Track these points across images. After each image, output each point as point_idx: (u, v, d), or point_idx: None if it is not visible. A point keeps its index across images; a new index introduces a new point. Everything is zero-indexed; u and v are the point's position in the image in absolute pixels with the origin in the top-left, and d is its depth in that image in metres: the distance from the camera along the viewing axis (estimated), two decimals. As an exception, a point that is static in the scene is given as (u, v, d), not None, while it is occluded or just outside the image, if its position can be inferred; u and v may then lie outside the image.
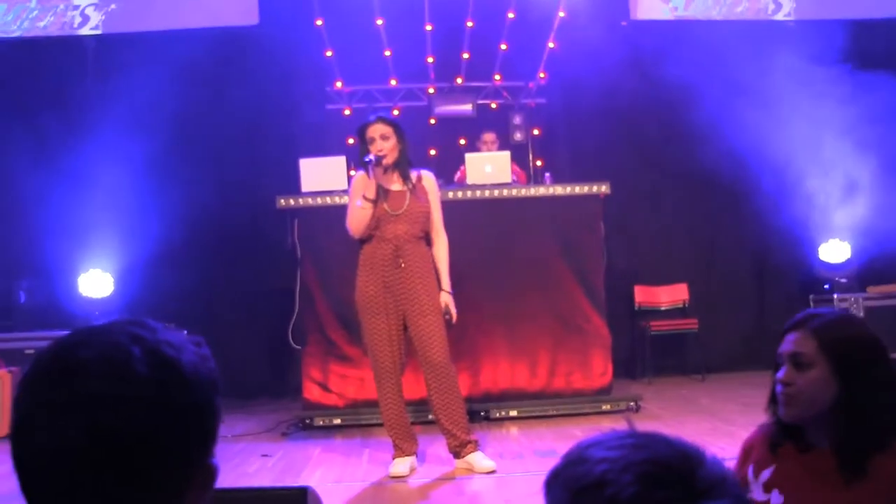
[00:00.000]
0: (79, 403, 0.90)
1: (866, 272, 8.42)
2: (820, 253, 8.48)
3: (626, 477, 0.82)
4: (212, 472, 0.99)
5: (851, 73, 8.14)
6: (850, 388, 1.84)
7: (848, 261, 8.42)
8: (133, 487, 0.90)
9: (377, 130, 4.77)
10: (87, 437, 0.89)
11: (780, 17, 8.95)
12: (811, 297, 8.58)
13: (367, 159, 4.69)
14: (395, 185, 4.82)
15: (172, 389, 0.94)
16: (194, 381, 0.97)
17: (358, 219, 4.73)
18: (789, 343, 1.92)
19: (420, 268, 4.77)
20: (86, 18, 8.23)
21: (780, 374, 1.92)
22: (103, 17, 8.25)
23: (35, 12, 8.19)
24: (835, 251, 8.43)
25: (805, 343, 1.89)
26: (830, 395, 1.86)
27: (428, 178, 4.94)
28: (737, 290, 8.92)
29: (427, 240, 4.89)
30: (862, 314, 7.98)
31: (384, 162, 4.73)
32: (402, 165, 4.82)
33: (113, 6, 8.26)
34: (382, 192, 4.76)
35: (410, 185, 4.82)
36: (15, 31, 8.16)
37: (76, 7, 8.23)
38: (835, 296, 8.19)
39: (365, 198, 4.70)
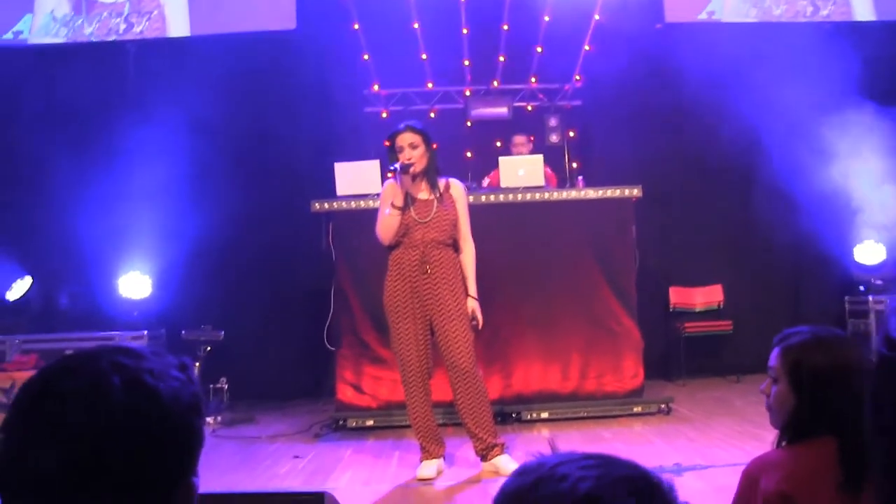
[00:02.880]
0: (54, 433, 0.97)
1: (900, 273, 8.35)
2: (855, 254, 8.41)
3: (620, 492, 0.86)
4: (192, 490, 1.06)
5: (885, 73, 8.13)
6: (801, 405, 2.00)
7: (883, 262, 8.34)
8: None
9: (406, 139, 4.86)
10: (58, 466, 0.96)
11: (818, 18, 8.88)
12: (846, 298, 8.53)
13: (393, 167, 4.78)
14: (423, 193, 4.90)
15: (150, 416, 1.01)
16: (173, 407, 1.03)
17: (387, 226, 4.83)
18: (770, 358, 2.10)
19: (447, 274, 4.85)
20: (130, 25, 8.42)
21: (762, 386, 2.13)
22: (147, 24, 8.44)
23: (81, 20, 8.40)
24: (870, 252, 8.35)
25: (776, 359, 2.06)
26: (789, 409, 2.03)
27: (456, 187, 5.01)
28: (772, 292, 8.87)
29: (454, 246, 4.96)
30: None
31: (412, 170, 4.81)
32: (431, 174, 4.90)
33: (155, 12, 8.45)
34: (410, 200, 4.85)
35: (438, 194, 4.89)
36: (62, 37, 8.38)
37: (119, 14, 8.42)
38: (870, 298, 8.14)
39: (393, 205, 4.80)
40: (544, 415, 6.39)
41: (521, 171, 6.77)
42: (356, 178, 6.60)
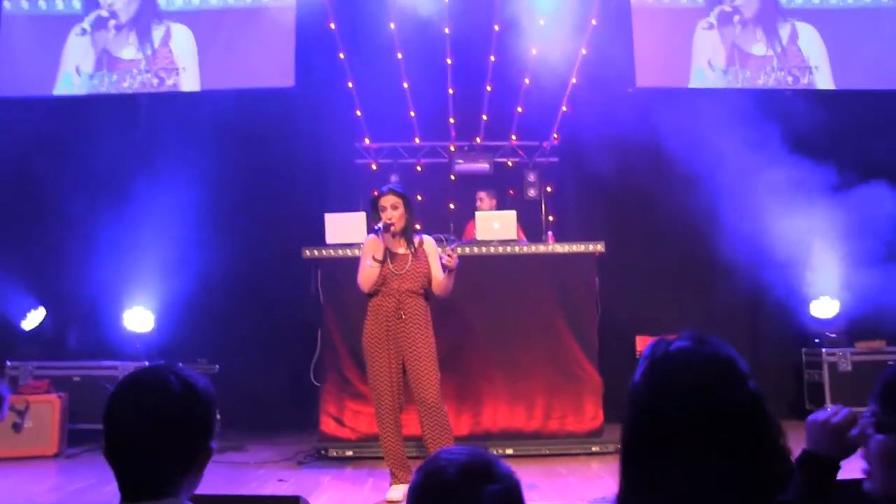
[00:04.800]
0: (141, 409, 1.76)
1: (855, 328, 8.92)
2: (811, 309, 9.01)
3: (452, 469, 1.56)
4: (209, 452, 1.84)
5: (845, 140, 8.81)
6: None
7: (837, 317, 8.94)
8: (167, 455, 1.77)
9: (388, 200, 5.54)
10: (147, 427, 1.74)
11: (799, 86, 9.58)
12: (803, 350, 9.13)
13: (377, 227, 5.45)
14: (401, 248, 5.57)
15: (192, 400, 1.80)
16: (204, 397, 1.83)
17: (367, 276, 5.49)
18: None
19: (419, 320, 5.50)
20: (146, 80, 9.20)
21: None
22: (162, 79, 9.20)
23: (102, 75, 9.20)
24: (825, 307, 8.95)
25: None
26: None
27: (428, 243, 5.68)
28: (732, 343, 9.37)
29: (426, 296, 5.61)
30: (850, 368, 8.57)
31: (392, 229, 5.47)
32: (408, 232, 5.58)
33: (170, 68, 9.21)
34: (389, 254, 5.50)
35: (413, 249, 5.56)
36: (84, 90, 9.18)
37: (137, 70, 9.21)
38: (823, 350, 8.71)
39: (374, 258, 5.45)
40: (509, 451, 6.95)
41: (496, 224, 7.40)
42: (344, 228, 7.21)
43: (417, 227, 5.87)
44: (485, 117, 9.58)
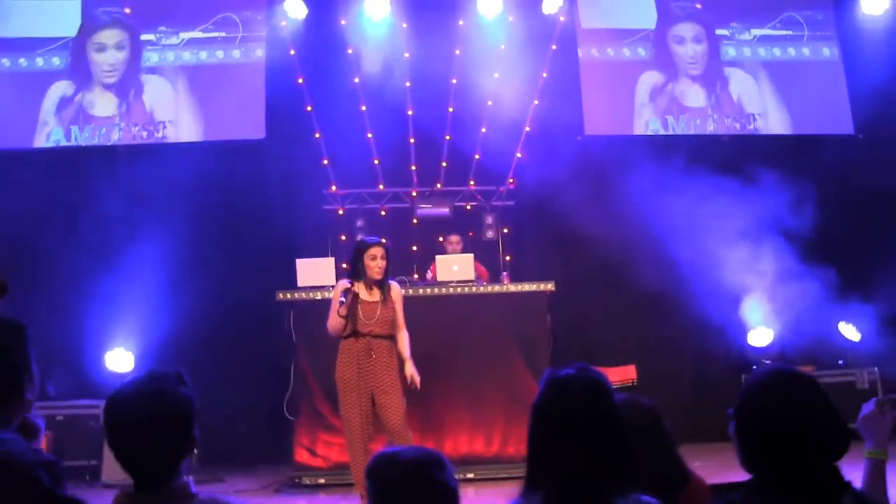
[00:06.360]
0: (140, 409, 2.23)
1: (790, 354, 9.57)
2: (749, 338, 9.70)
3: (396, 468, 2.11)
4: (195, 440, 2.32)
5: (781, 181, 9.51)
6: None
7: (771, 344, 9.63)
8: (167, 446, 2.23)
9: (378, 252, 6.23)
10: (145, 421, 2.21)
11: (746, 132, 10.34)
12: (743, 376, 9.77)
13: (341, 300, 6.14)
14: (373, 296, 6.23)
15: (181, 402, 2.30)
16: (188, 400, 2.32)
17: (334, 326, 6.20)
18: None
19: (386, 358, 6.18)
20: (122, 133, 9.73)
21: None
22: (138, 131, 9.75)
23: (78, 129, 9.69)
24: (761, 336, 9.64)
25: None
26: None
27: (395, 289, 6.37)
28: (679, 372, 10.06)
29: (392, 338, 6.26)
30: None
31: (374, 277, 6.21)
32: (384, 282, 6.24)
33: (145, 122, 9.76)
34: (360, 303, 6.15)
35: (383, 297, 6.20)
36: (62, 144, 9.68)
37: (113, 124, 9.73)
38: (760, 376, 9.36)
39: (339, 314, 6.10)
40: (470, 475, 7.51)
41: (455, 267, 8.02)
42: (314, 272, 7.80)
43: (386, 269, 6.46)
44: (444, 164, 10.22)
